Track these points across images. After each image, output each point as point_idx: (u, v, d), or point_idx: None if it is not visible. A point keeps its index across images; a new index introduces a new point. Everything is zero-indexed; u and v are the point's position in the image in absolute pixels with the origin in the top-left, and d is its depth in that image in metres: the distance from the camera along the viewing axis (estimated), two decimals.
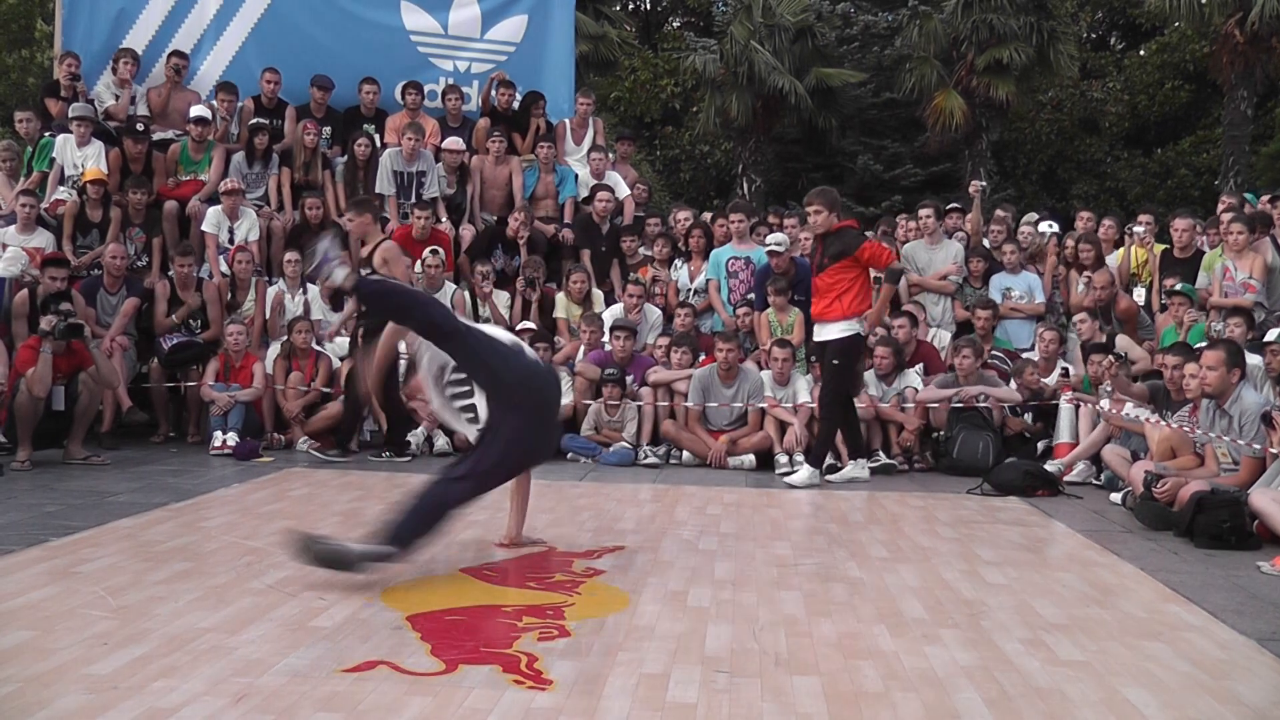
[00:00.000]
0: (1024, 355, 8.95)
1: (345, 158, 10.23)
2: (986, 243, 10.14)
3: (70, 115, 9.51)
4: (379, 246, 7.93)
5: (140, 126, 9.82)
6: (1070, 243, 9.89)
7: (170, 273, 9.04)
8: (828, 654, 3.65)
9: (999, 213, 10.68)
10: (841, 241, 7.37)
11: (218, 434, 8.19)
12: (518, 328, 9.24)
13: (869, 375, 8.35)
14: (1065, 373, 8.44)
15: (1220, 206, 10.14)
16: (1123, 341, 8.39)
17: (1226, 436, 6.26)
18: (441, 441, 8.40)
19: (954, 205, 10.86)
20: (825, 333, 7.46)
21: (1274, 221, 9.18)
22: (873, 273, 7.65)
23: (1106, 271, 9.08)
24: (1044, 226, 10.40)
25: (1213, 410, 6.39)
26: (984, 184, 11.34)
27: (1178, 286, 8.58)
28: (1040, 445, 8.26)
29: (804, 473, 7.45)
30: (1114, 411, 7.47)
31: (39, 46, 21.36)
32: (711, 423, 8.47)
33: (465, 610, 4.10)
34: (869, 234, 9.00)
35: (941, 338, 9.28)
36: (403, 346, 5.44)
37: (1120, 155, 24.44)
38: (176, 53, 10.36)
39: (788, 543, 5.49)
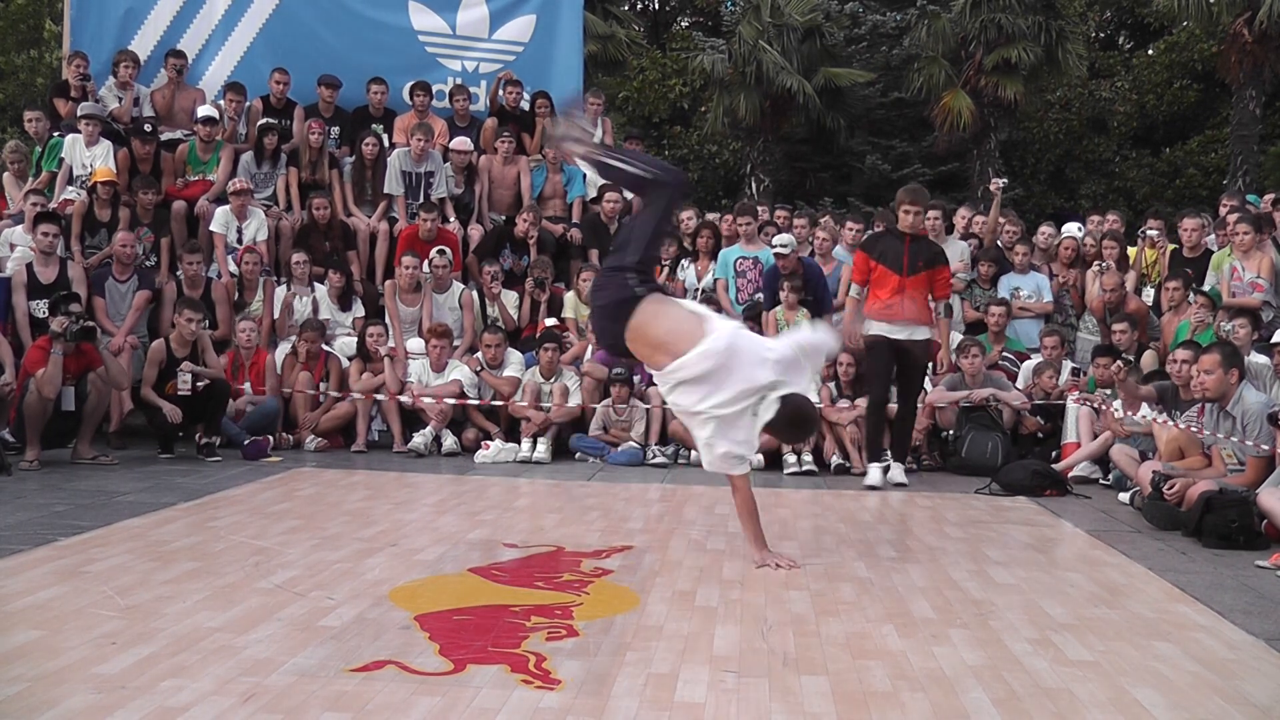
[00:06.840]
0: (1032, 358, 8.90)
1: (353, 157, 10.25)
2: (1000, 242, 10.07)
3: (79, 114, 9.53)
4: None
5: (148, 127, 9.84)
6: (1089, 241, 9.84)
7: (179, 272, 9.05)
8: (836, 654, 3.65)
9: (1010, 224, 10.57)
10: (932, 251, 7.47)
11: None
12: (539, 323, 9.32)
13: None
14: (1076, 373, 8.43)
15: (1222, 209, 10.10)
16: (1148, 359, 8.32)
17: (1232, 438, 6.23)
18: (450, 441, 8.41)
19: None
20: (915, 334, 7.39)
21: (1276, 223, 9.15)
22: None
23: (1117, 274, 9.05)
24: (1068, 226, 10.37)
25: (1216, 412, 6.37)
26: (1004, 180, 11.18)
27: (1205, 288, 8.55)
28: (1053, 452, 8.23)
29: (895, 470, 7.43)
30: (1126, 415, 7.45)
31: (48, 46, 21.41)
32: None
33: (473, 610, 4.10)
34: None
35: (951, 338, 9.22)
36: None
37: (1128, 155, 24.35)
38: (174, 52, 10.34)
39: (796, 542, 5.48)
